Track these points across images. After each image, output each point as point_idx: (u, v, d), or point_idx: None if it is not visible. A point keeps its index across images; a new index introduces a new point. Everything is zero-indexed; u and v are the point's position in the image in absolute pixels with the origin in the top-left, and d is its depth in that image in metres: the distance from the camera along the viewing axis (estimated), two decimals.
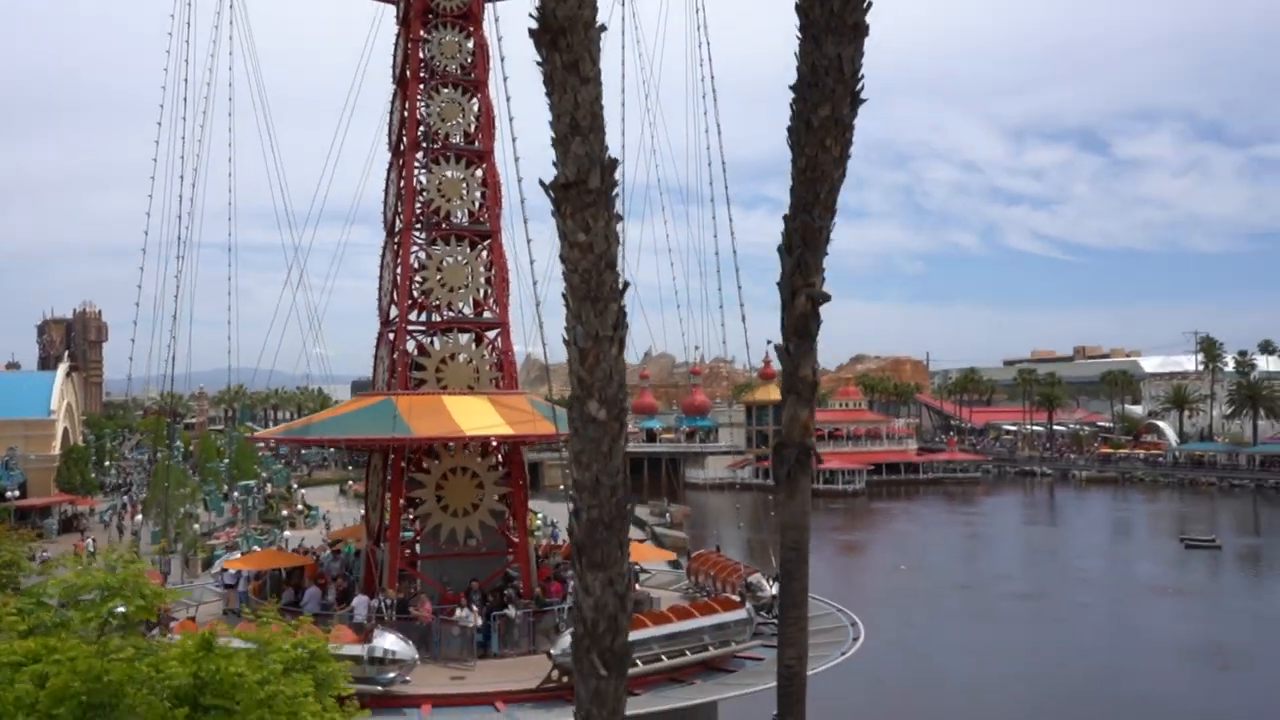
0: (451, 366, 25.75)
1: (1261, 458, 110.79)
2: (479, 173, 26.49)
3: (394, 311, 26.30)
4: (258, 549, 35.57)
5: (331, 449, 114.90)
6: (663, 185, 29.22)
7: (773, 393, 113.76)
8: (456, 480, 25.04)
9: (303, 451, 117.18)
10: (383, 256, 27.37)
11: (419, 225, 26.30)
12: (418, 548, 25.87)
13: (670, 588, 31.42)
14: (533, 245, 23.00)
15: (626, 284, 6.87)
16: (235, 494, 66.16)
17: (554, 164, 6.81)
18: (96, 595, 10.61)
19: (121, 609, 10.50)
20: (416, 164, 26.38)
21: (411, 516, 25.57)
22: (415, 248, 26.39)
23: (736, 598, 24.49)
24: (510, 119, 24.88)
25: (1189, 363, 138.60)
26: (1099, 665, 37.71)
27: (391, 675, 19.54)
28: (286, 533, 52.94)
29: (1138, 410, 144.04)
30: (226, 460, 79.19)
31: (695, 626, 22.33)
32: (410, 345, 26.27)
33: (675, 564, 34.24)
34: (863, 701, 31.04)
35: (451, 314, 26.27)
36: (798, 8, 7.10)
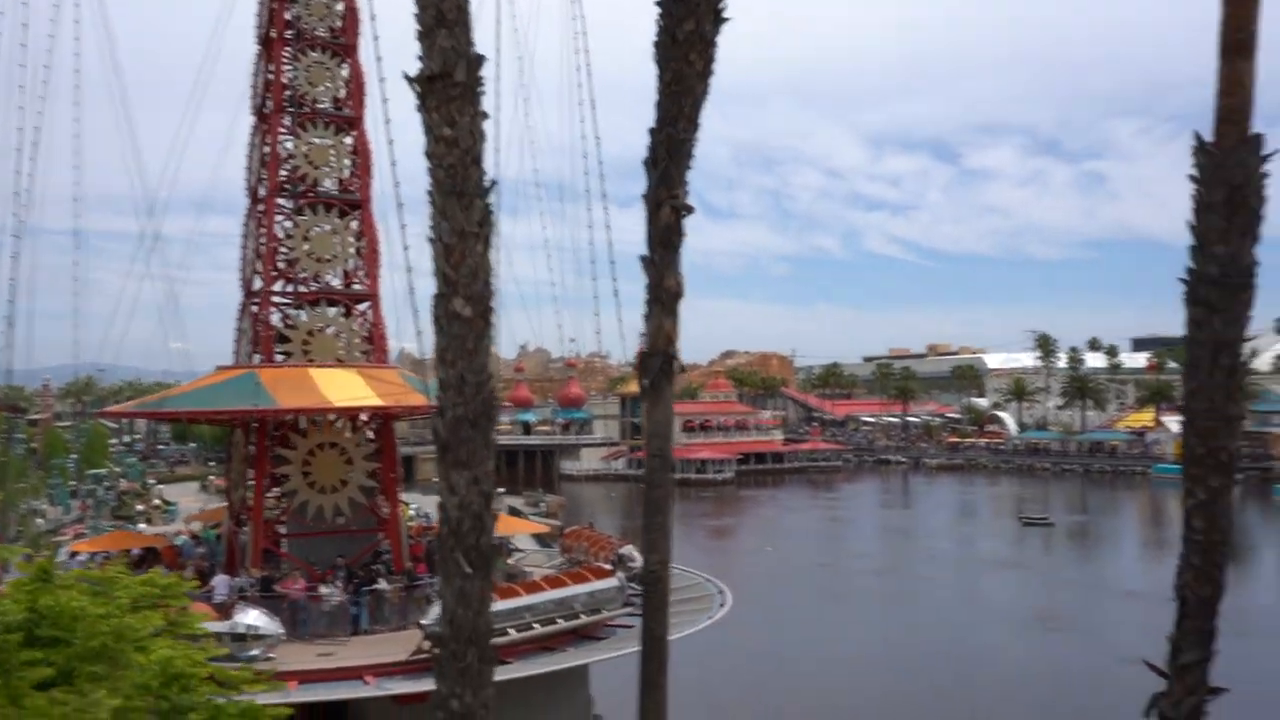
0: (319, 339, 25.19)
1: (1089, 445, 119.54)
2: (349, 140, 26.00)
3: (258, 282, 25.56)
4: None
5: (192, 444, 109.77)
6: (540, 179, 29.14)
7: None
8: (324, 456, 24.52)
9: (160, 448, 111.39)
10: (245, 225, 26.51)
11: (285, 193, 25.62)
12: (283, 527, 25.18)
13: (544, 567, 31.61)
14: (406, 231, 22.85)
15: (494, 182, 7.00)
16: (84, 487, 61.95)
17: (418, 57, 6.76)
18: None
19: None
20: (282, 130, 25.68)
21: (277, 494, 24.92)
22: (280, 216, 25.68)
23: (608, 567, 24.89)
24: (381, 80, 24.38)
25: (1028, 359, 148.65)
26: (944, 631, 39.97)
27: (255, 652, 18.98)
28: (141, 527, 50.33)
29: (983, 402, 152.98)
30: (74, 456, 74.25)
31: (568, 595, 22.59)
32: (276, 318, 25.58)
33: (547, 543, 34.39)
34: (727, 666, 31.96)
35: (319, 286, 25.71)
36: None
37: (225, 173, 27.55)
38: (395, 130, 24.20)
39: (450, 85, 6.65)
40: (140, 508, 56.17)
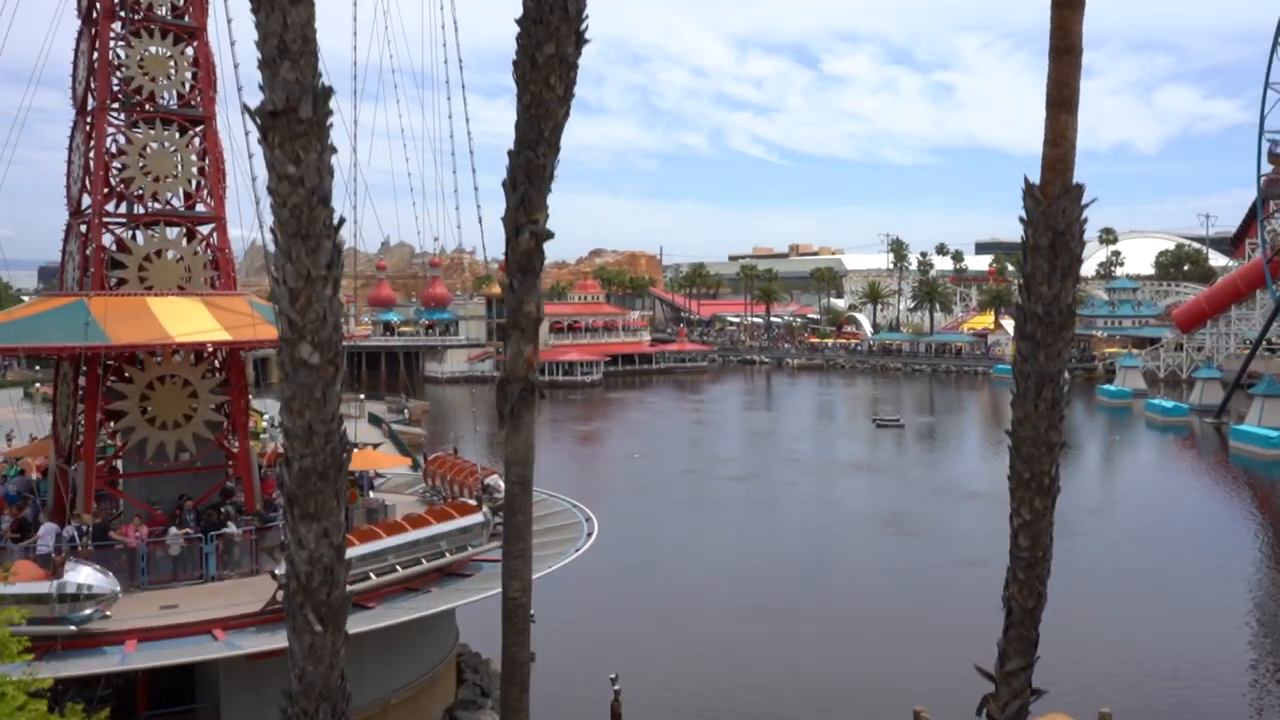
0: (157, 264, 23.39)
1: (936, 346, 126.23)
2: (189, 51, 23.75)
3: (86, 201, 23.41)
4: None
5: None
6: (397, 67, 27.64)
7: None
8: (166, 389, 23.06)
9: None
10: (71, 138, 24.08)
11: (117, 106, 23.31)
12: (120, 465, 23.75)
13: (407, 490, 31.20)
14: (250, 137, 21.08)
15: (342, 220, 6.46)
16: None
17: (260, 87, 6.24)
18: None
19: None
20: (113, 35, 23.18)
21: (111, 430, 23.40)
22: (112, 130, 23.41)
23: (473, 501, 24.68)
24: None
25: (883, 261, 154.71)
26: (801, 540, 41.95)
27: (88, 612, 17.91)
28: None
29: (841, 303, 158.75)
30: None
31: (432, 534, 22.24)
32: (108, 241, 23.55)
33: (415, 466, 33.88)
34: (597, 591, 32.67)
35: (158, 206, 23.75)
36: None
37: (58, 42, 24.85)
38: (241, 39, 22.15)
39: (295, 121, 6.12)
40: None
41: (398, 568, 21.49)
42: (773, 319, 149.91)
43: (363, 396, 66.59)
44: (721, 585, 35.64)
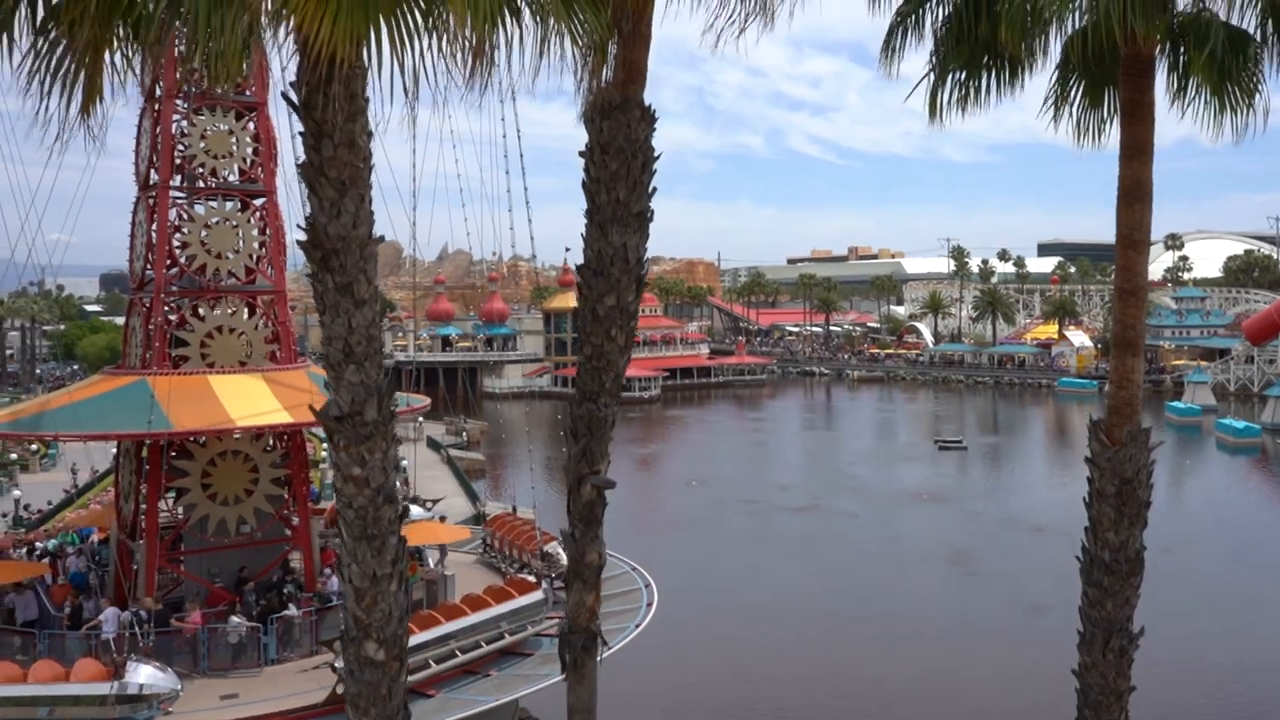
0: (219, 340, 23.51)
1: (999, 357, 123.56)
2: (250, 125, 23.89)
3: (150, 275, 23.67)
4: None
5: (74, 365, 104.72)
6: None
7: (570, 300, 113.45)
8: (227, 465, 23.16)
9: (39, 369, 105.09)
10: (135, 213, 24.39)
11: (179, 182, 23.61)
12: (181, 542, 23.95)
13: (465, 549, 31.03)
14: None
15: (406, 509, 6.21)
16: None
17: (326, 386, 6.05)
18: None
19: None
20: (177, 113, 23.46)
21: (173, 507, 23.61)
22: (175, 206, 23.69)
23: (532, 577, 24.39)
24: (283, 68, 22.15)
25: (943, 265, 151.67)
26: (864, 581, 40.95)
27: (148, 713, 18.00)
28: (16, 492, 46.51)
29: (901, 311, 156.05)
30: None
31: (492, 616, 22.04)
32: (170, 315, 23.79)
33: (477, 518, 33.67)
34: (654, 656, 32.16)
35: (219, 280, 23.92)
36: (585, 192, 6.47)
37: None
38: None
39: (360, 424, 5.92)
40: (14, 454, 52.51)
41: (457, 652, 21.28)
42: (832, 328, 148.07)
43: (420, 419, 66.91)
44: (782, 647, 34.74)
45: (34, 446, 52.54)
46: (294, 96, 6.33)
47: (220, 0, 5.32)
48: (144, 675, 17.96)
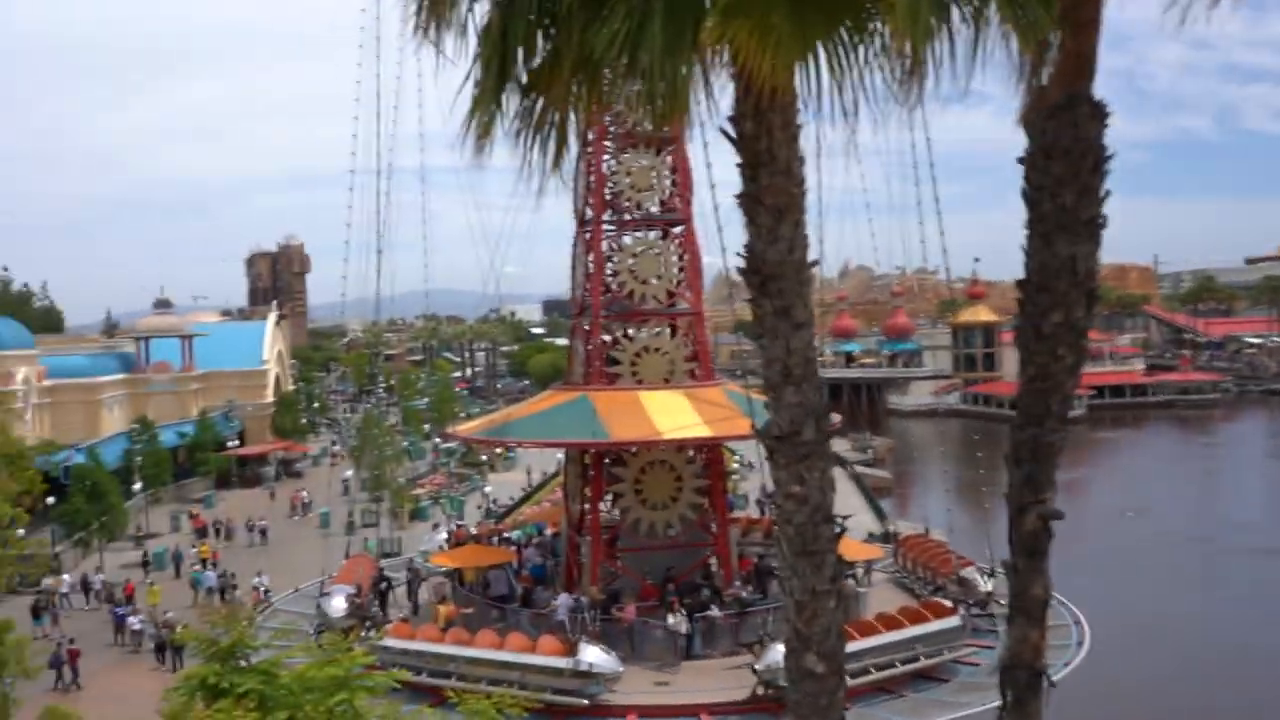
0: (646, 359, 25.66)
1: None
2: (668, 159, 25.90)
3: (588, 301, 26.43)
4: (456, 524, 36.99)
5: (526, 381, 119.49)
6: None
7: (980, 313, 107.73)
8: (655, 474, 25.14)
9: (499, 384, 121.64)
10: (574, 247, 27.43)
11: (609, 215, 26.20)
12: (618, 541, 26.34)
13: (877, 568, 30.57)
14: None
15: (843, 529, 6.39)
16: (436, 441, 68.34)
17: (765, 406, 6.38)
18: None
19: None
20: (605, 152, 26.09)
21: (611, 508, 26.05)
22: (606, 238, 26.32)
23: (949, 601, 23.48)
24: (696, 103, 23.55)
25: None
26: None
27: (596, 689, 20.12)
28: (488, 487, 54.80)
29: None
30: (426, 400, 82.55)
31: (905, 637, 21.61)
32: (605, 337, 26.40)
33: (885, 536, 33.11)
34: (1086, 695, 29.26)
35: (645, 305, 26.11)
36: (1026, 200, 6.11)
37: None
38: (713, 149, 23.47)
39: (799, 444, 6.16)
40: (484, 456, 61.39)
41: (871, 669, 21.10)
42: None
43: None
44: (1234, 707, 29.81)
45: (499, 450, 61.22)
46: (730, 130, 6.70)
47: (673, 48, 5.82)
48: (593, 655, 20.20)
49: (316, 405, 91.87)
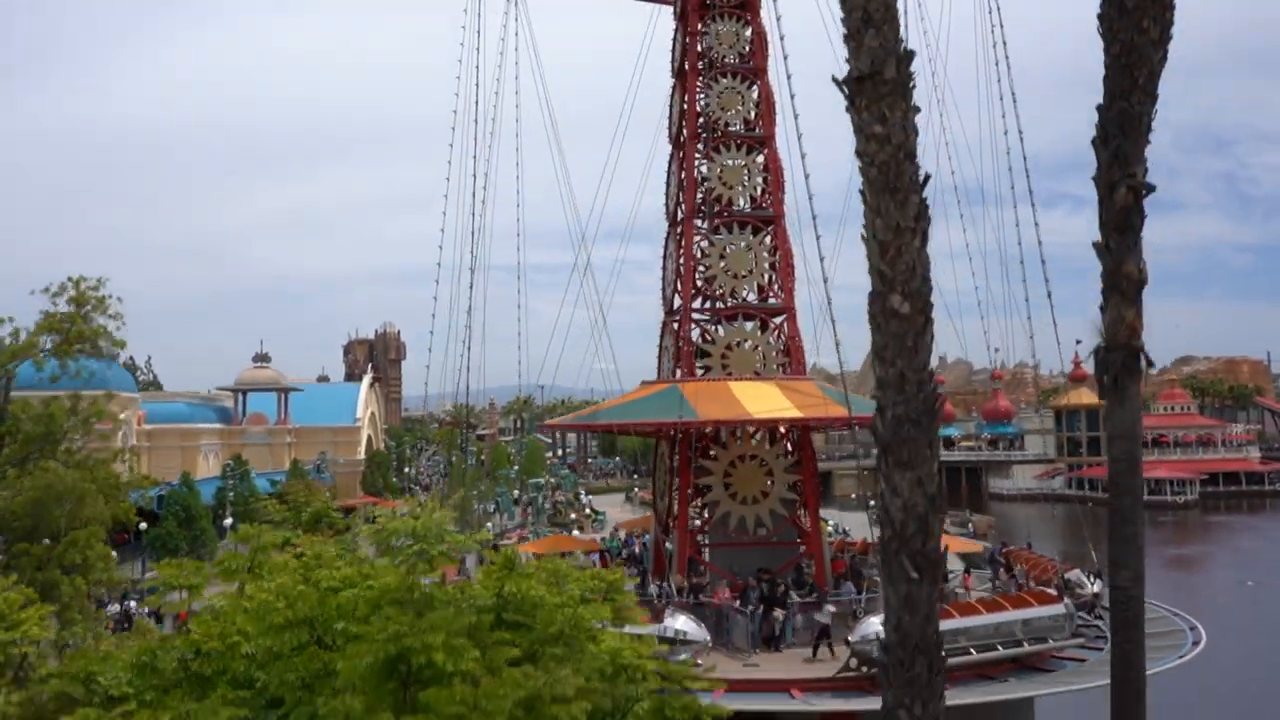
0: (737, 353, 25.91)
1: None
2: (760, 159, 26.62)
3: (678, 301, 26.95)
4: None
5: (617, 458, 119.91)
6: (954, 182, 27.79)
7: (1084, 396, 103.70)
8: (745, 467, 25.05)
9: (589, 461, 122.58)
10: (665, 247, 28.13)
11: (701, 215, 26.81)
12: (706, 537, 26.11)
13: (979, 586, 29.53)
14: (820, 243, 22.80)
15: (928, 176, 6.61)
16: (525, 494, 69.06)
17: (846, 60, 6.71)
18: (404, 542, 11.45)
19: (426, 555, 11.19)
20: (697, 154, 26.96)
21: (699, 504, 25.92)
22: (698, 237, 26.91)
23: (1053, 592, 22.55)
24: (791, 96, 24.27)
25: None
26: None
27: (683, 656, 19.70)
28: (575, 533, 55.12)
29: None
30: (516, 468, 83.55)
31: (1007, 620, 20.75)
32: (695, 334, 26.78)
33: (978, 565, 32.08)
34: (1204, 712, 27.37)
35: (735, 301, 26.49)
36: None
37: (645, 200, 29.55)
38: (805, 144, 24.12)
39: (880, 83, 6.51)
40: (573, 516, 61.65)
41: (971, 650, 20.29)
42: None
43: None
44: None
45: (587, 511, 62.33)
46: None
47: None
48: (680, 622, 19.92)
49: (408, 469, 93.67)
